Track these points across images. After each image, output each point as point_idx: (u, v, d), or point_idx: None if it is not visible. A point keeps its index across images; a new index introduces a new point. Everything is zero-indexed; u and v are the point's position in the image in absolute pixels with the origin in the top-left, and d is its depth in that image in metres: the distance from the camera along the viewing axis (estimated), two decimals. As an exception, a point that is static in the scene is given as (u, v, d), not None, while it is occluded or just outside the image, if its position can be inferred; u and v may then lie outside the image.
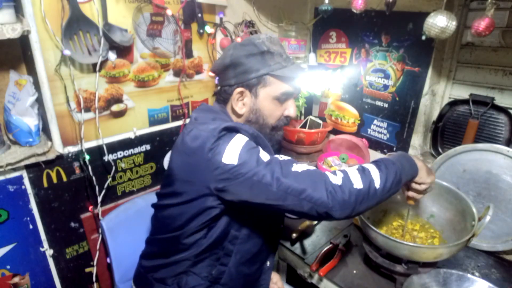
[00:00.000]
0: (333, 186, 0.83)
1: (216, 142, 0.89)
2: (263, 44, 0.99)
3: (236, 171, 0.86)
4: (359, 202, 0.84)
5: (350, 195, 0.83)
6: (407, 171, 0.93)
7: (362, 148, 1.73)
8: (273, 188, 0.84)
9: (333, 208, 0.82)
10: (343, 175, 0.87)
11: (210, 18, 1.55)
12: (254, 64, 0.99)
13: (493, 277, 1.14)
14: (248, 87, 1.01)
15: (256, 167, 0.86)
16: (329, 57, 1.85)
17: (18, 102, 1.13)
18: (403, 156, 0.97)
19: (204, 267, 1.02)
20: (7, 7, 0.99)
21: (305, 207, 0.84)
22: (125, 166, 1.48)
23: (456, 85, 1.49)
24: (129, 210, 1.38)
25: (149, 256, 1.13)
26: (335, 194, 0.82)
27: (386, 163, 0.91)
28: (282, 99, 1.03)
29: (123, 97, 1.38)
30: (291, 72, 1.01)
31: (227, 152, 0.87)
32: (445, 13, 1.09)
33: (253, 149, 0.90)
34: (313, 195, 0.82)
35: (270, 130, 1.06)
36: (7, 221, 1.21)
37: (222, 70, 1.04)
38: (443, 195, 1.22)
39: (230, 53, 1.02)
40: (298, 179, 0.84)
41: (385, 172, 0.88)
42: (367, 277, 1.13)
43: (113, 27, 1.25)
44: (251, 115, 1.04)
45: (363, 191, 0.84)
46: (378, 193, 0.86)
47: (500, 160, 1.23)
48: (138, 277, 1.16)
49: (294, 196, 0.84)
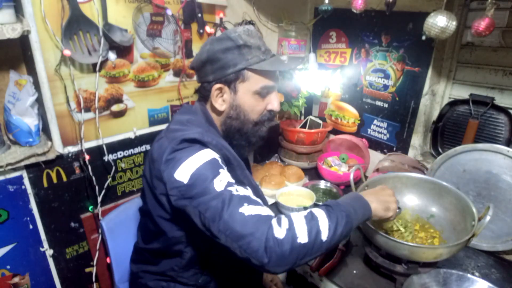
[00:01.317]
0: (273, 240, 0.74)
1: (173, 154, 0.86)
2: (240, 38, 0.95)
3: (183, 191, 0.83)
4: (300, 257, 0.77)
5: (292, 250, 0.75)
6: (359, 216, 0.86)
7: (362, 148, 1.73)
8: (214, 224, 0.78)
9: (269, 263, 0.74)
10: (288, 226, 0.77)
11: (210, 18, 1.55)
12: (231, 59, 0.95)
13: (493, 277, 1.14)
14: (226, 82, 0.98)
15: (203, 195, 0.80)
16: (329, 57, 1.85)
17: (18, 102, 1.13)
18: (355, 198, 0.91)
19: (191, 276, 1.02)
20: (7, 7, 0.99)
21: (241, 254, 0.76)
22: (125, 166, 1.48)
23: (456, 85, 1.49)
24: (129, 210, 1.38)
25: (136, 261, 1.14)
26: (274, 249, 0.74)
27: (336, 209, 0.83)
28: (263, 93, 1.00)
29: (123, 97, 1.38)
30: (270, 65, 0.97)
31: (181, 168, 0.83)
32: (445, 13, 1.09)
33: (210, 172, 0.83)
34: (249, 246, 0.75)
35: (252, 125, 1.03)
36: (7, 221, 1.21)
37: (200, 67, 1.01)
38: (443, 195, 1.22)
39: (206, 49, 0.99)
40: (240, 223, 0.76)
41: (334, 222, 0.80)
42: (367, 277, 1.13)
43: (113, 27, 1.25)
44: (231, 111, 1.01)
45: (308, 245, 0.76)
46: (324, 246, 0.79)
47: (500, 160, 1.23)
48: (130, 281, 1.18)
49: (231, 240, 0.76)
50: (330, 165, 1.72)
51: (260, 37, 1.01)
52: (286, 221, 0.79)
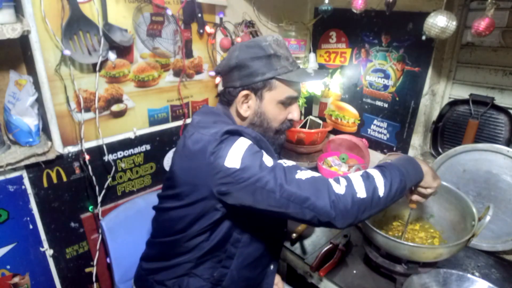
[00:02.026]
0: (336, 195, 0.82)
1: (218, 145, 0.88)
2: (270, 47, 0.97)
3: (238, 175, 0.85)
4: (361, 211, 0.83)
5: (353, 204, 0.81)
6: (412, 177, 0.91)
7: (362, 148, 1.73)
8: (276, 195, 0.83)
9: (336, 218, 0.81)
10: (347, 183, 0.85)
11: (210, 18, 1.55)
12: (260, 67, 0.97)
13: (493, 277, 1.14)
14: (253, 90, 1.00)
15: (259, 172, 0.84)
16: (329, 57, 1.85)
17: (18, 102, 1.13)
18: (409, 160, 0.94)
19: (206, 269, 1.02)
20: (7, 7, 0.99)
21: (308, 216, 0.83)
22: (125, 166, 1.48)
23: (456, 85, 1.49)
24: (129, 210, 1.39)
25: (149, 258, 1.13)
26: (338, 204, 0.81)
27: (391, 169, 0.89)
28: (286, 103, 1.03)
29: (123, 97, 1.38)
30: (297, 77, 0.99)
31: (230, 156, 0.86)
32: (445, 13, 1.09)
33: (256, 153, 0.88)
34: (316, 204, 0.81)
35: (273, 133, 1.05)
36: (7, 221, 1.21)
37: (227, 72, 1.03)
38: (443, 195, 1.22)
39: (235, 55, 1.00)
40: (301, 187, 0.83)
41: (389, 179, 0.86)
42: (367, 277, 1.13)
43: (113, 27, 1.25)
44: (255, 118, 1.03)
45: (367, 200, 0.83)
46: (382, 201, 0.85)
47: (500, 160, 1.23)
48: (139, 279, 1.15)
49: (297, 204, 0.82)
50: (330, 165, 1.72)
51: (287, 48, 1.03)
52: (344, 179, 0.86)
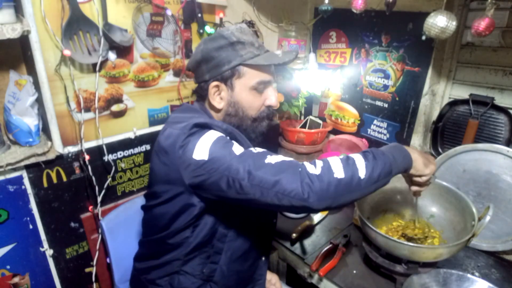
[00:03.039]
0: (309, 176, 0.78)
1: (187, 138, 0.88)
2: (233, 35, 0.97)
3: (208, 167, 0.85)
4: (340, 193, 0.79)
5: (329, 185, 0.78)
6: (399, 163, 0.88)
7: (362, 148, 1.73)
8: (245, 181, 0.81)
9: (309, 199, 0.77)
10: (323, 164, 0.82)
11: (210, 18, 1.55)
12: (225, 56, 0.97)
13: (493, 277, 1.14)
14: (222, 80, 0.99)
15: (228, 161, 0.83)
16: (329, 57, 1.85)
17: (18, 102, 1.13)
18: (396, 147, 0.92)
19: (195, 265, 1.02)
20: (7, 7, 0.99)
21: (280, 201, 0.79)
22: (125, 166, 1.48)
23: (456, 85, 1.49)
24: (129, 210, 1.38)
25: (140, 258, 1.13)
26: (311, 185, 0.77)
27: (375, 153, 0.86)
28: (260, 89, 1.01)
29: (123, 97, 1.38)
30: (264, 59, 0.98)
31: (198, 148, 0.86)
32: (445, 13, 1.09)
33: (225, 143, 0.87)
34: (286, 187, 0.78)
35: (251, 121, 1.04)
36: (7, 221, 1.21)
37: (195, 67, 1.03)
38: (443, 195, 1.22)
39: (200, 49, 1.00)
40: (271, 171, 0.80)
41: (371, 162, 0.83)
42: (367, 277, 1.13)
43: (113, 27, 1.25)
44: (229, 108, 1.02)
45: (345, 180, 0.79)
46: (363, 184, 0.80)
47: (500, 160, 1.23)
48: (133, 280, 1.16)
49: (267, 189, 0.80)
50: (330, 165, 1.71)
51: (253, 34, 1.02)
52: (320, 161, 0.83)
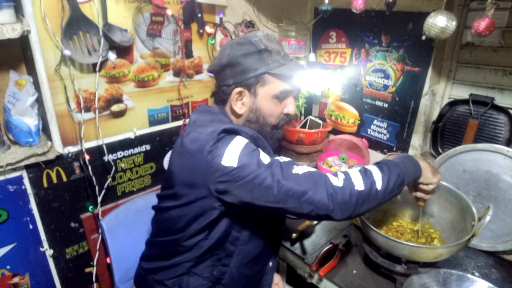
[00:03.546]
0: (334, 188, 0.84)
1: (215, 144, 0.88)
2: (261, 42, 0.97)
3: (236, 174, 0.86)
4: (360, 204, 0.84)
5: (351, 196, 0.83)
6: (410, 173, 0.93)
7: (362, 148, 1.73)
8: (273, 191, 0.84)
9: (334, 210, 0.83)
10: (345, 176, 0.87)
11: (210, 18, 1.55)
12: (252, 63, 0.97)
13: (493, 277, 1.14)
14: (246, 86, 1.00)
15: (256, 169, 0.85)
16: (329, 57, 1.85)
17: (18, 102, 1.13)
18: (407, 157, 0.97)
19: (206, 267, 1.02)
20: (7, 7, 0.99)
21: (306, 209, 0.84)
22: (125, 166, 1.48)
23: (456, 85, 1.49)
24: (129, 210, 1.38)
25: (149, 258, 1.13)
26: (335, 196, 0.83)
27: (388, 164, 0.91)
28: (281, 98, 1.02)
29: (123, 97, 1.38)
30: (290, 70, 0.99)
31: (227, 155, 0.87)
32: (445, 13, 1.09)
33: (253, 151, 0.89)
34: (314, 198, 0.83)
35: (270, 129, 1.05)
36: (7, 221, 1.21)
37: (219, 70, 1.03)
38: (443, 195, 1.22)
39: (227, 53, 1.00)
40: (299, 182, 0.85)
41: (387, 174, 0.88)
42: (367, 277, 1.13)
43: (113, 27, 1.25)
44: (250, 114, 1.03)
45: (365, 192, 0.85)
46: (380, 195, 0.86)
47: (500, 160, 1.23)
48: (139, 279, 1.15)
49: (295, 199, 0.84)
50: (330, 165, 1.72)
51: (279, 42, 1.03)
52: (342, 174, 0.89)
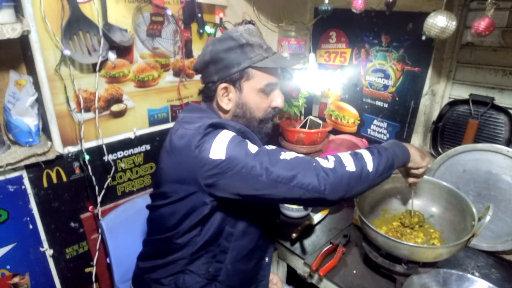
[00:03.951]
0: (324, 170, 0.84)
1: (202, 139, 0.89)
2: (242, 37, 0.97)
3: (224, 166, 0.86)
4: (352, 185, 0.85)
5: (342, 177, 0.84)
6: (399, 157, 0.95)
7: (362, 148, 1.73)
8: (263, 178, 0.84)
9: (326, 190, 0.82)
10: (335, 159, 0.88)
11: (210, 18, 1.55)
12: (234, 58, 0.97)
13: (493, 277, 1.14)
14: (231, 82, 1.00)
15: (244, 159, 0.86)
16: (329, 57, 1.85)
17: (18, 102, 1.13)
18: (396, 143, 0.99)
19: (201, 264, 1.02)
20: (7, 7, 0.99)
21: (297, 194, 0.84)
22: (125, 166, 1.48)
23: (456, 85, 1.49)
24: (129, 210, 1.38)
25: (145, 257, 1.13)
26: (326, 177, 0.83)
27: (378, 148, 0.93)
28: (267, 91, 1.02)
29: (123, 97, 1.38)
30: (273, 62, 0.99)
31: (214, 148, 0.87)
32: (445, 13, 1.09)
33: (240, 142, 0.90)
34: (303, 181, 0.83)
35: (258, 123, 1.05)
36: (7, 221, 1.21)
37: (203, 67, 1.03)
38: (443, 195, 1.22)
39: (209, 49, 1.00)
40: (287, 167, 0.85)
41: (377, 157, 0.90)
42: (367, 277, 1.13)
43: (113, 27, 1.25)
44: (237, 109, 1.03)
45: (356, 173, 0.85)
46: (371, 177, 0.87)
47: (500, 160, 1.23)
48: (136, 279, 1.16)
49: (285, 184, 0.84)
50: (330, 165, 1.72)
51: (260, 36, 1.03)
52: (332, 156, 0.89)
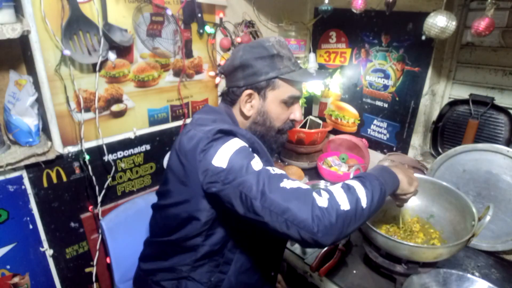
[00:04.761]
0: (320, 209, 0.76)
1: (209, 143, 0.88)
2: (273, 47, 0.99)
3: (223, 176, 0.84)
4: (346, 225, 0.78)
5: (338, 218, 0.76)
6: (390, 185, 0.91)
7: (362, 148, 1.73)
8: (256, 201, 0.79)
9: (318, 233, 0.75)
10: (329, 195, 0.80)
11: (210, 18, 1.55)
12: (263, 66, 0.99)
13: (493, 277, 1.14)
14: (257, 89, 1.01)
15: (244, 175, 0.83)
16: (329, 57, 1.85)
17: (18, 102, 1.13)
18: (384, 169, 0.94)
19: (204, 273, 1.02)
20: (7, 7, 0.99)
21: (288, 229, 0.77)
22: (125, 166, 1.48)
23: (456, 85, 1.49)
24: (129, 210, 1.38)
25: (147, 258, 1.13)
26: (321, 218, 0.75)
27: (370, 179, 0.86)
28: (289, 103, 1.04)
29: (123, 97, 1.38)
30: (299, 76, 1.01)
31: (218, 155, 0.86)
32: (445, 13, 1.09)
33: (246, 155, 0.87)
34: (296, 216, 0.76)
35: (275, 132, 1.06)
36: (7, 221, 1.21)
37: (231, 71, 1.04)
38: (443, 195, 1.22)
39: (239, 55, 1.02)
40: (283, 197, 0.78)
41: (370, 189, 0.83)
42: (367, 277, 1.13)
43: (113, 27, 1.25)
44: (258, 117, 1.04)
45: (350, 212, 0.78)
46: (366, 212, 0.81)
47: (500, 160, 1.23)
48: (138, 280, 1.16)
49: (277, 214, 0.77)
50: (330, 165, 1.72)
51: (289, 49, 1.04)
52: (325, 192, 0.82)
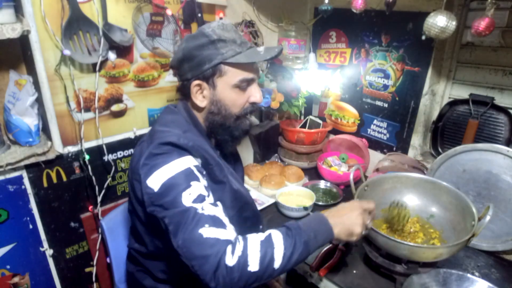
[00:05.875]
0: (225, 268, 0.75)
1: (149, 159, 0.88)
2: (214, 33, 0.95)
3: (153, 198, 0.85)
4: (250, 283, 0.78)
5: (241, 277, 0.76)
6: (320, 241, 0.86)
7: (362, 148, 1.73)
8: (174, 238, 0.80)
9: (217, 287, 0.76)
10: (241, 253, 0.78)
11: (210, 18, 1.55)
12: (206, 54, 0.95)
13: (493, 277, 1.14)
14: (204, 79, 0.97)
15: (169, 208, 0.82)
16: (329, 57, 1.85)
17: (18, 102, 1.13)
18: (321, 222, 0.89)
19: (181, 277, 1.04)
20: (7, 7, 0.99)
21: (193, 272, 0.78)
22: (125, 166, 1.48)
23: (456, 85, 1.49)
24: (129, 210, 1.39)
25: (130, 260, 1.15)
26: (224, 276, 0.75)
27: (296, 236, 0.83)
28: (242, 87, 0.99)
29: (123, 97, 1.38)
30: (245, 57, 0.96)
31: (154, 176, 0.85)
32: (445, 13, 1.09)
33: (182, 181, 0.84)
34: (200, 268, 0.76)
35: (235, 119, 1.03)
36: (7, 221, 1.21)
37: (178, 65, 1.01)
38: (443, 195, 1.22)
39: (182, 47, 0.99)
40: (197, 244, 0.77)
41: (290, 250, 0.81)
42: (367, 277, 1.13)
43: (113, 27, 1.25)
44: (212, 106, 1.01)
45: (258, 273, 0.77)
46: (275, 274, 0.80)
47: (500, 160, 1.23)
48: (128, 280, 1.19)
49: (186, 257, 0.78)
50: (330, 165, 1.72)
51: (235, 31, 1.00)
52: (240, 247, 0.78)
